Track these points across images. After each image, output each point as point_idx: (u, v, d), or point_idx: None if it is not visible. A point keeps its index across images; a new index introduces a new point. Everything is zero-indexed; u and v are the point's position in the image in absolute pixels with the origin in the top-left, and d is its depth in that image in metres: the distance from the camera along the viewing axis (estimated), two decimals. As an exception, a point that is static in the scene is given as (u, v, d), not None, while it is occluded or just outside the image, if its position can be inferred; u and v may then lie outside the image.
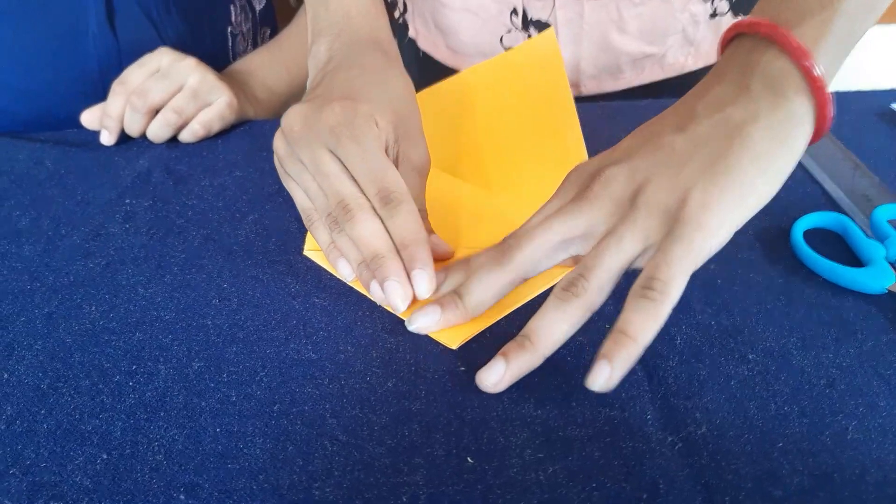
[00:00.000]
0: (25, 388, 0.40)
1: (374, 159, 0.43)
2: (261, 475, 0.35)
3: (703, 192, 0.36)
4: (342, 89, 0.47)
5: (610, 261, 0.37)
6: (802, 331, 0.42)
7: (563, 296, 0.37)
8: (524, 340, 0.38)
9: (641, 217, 0.37)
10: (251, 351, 0.42)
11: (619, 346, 0.35)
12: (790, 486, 0.34)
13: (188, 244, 0.50)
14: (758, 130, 0.37)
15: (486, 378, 0.38)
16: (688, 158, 0.38)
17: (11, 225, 0.52)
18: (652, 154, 0.39)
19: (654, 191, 0.37)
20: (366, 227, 0.42)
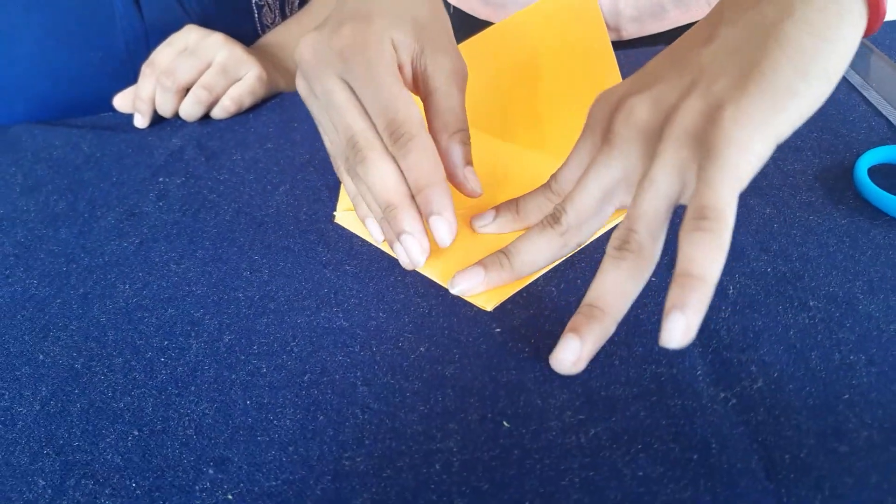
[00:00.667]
0: (60, 368, 0.39)
1: (385, 85, 0.38)
2: (290, 447, 0.34)
3: (735, 107, 0.32)
4: (356, 8, 0.42)
5: (652, 207, 0.33)
6: (869, 274, 0.39)
7: (618, 255, 0.34)
8: (592, 310, 0.34)
9: (672, 151, 0.33)
10: (282, 322, 0.40)
11: (689, 291, 0.29)
12: (858, 440, 0.31)
13: (220, 218, 0.49)
14: (794, 25, 0.33)
15: (563, 359, 0.34)
16: (718, 72, 0.33)
17: (49, 210, 0.52)
18: (678, 75, 0.35)
19: (682, 118, 0.33)
20: (377, 172, 0.39)
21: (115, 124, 0.62)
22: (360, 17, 0.41)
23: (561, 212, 0.38)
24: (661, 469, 0.31)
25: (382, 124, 0.39)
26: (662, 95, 0.35)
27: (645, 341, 0.37)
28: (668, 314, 0.29)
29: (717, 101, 0.32)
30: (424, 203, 0.39)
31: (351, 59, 0.39)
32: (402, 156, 0.38)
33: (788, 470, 0.30)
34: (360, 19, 0.40)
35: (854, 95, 0.52)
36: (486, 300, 0.40)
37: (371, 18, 0.40)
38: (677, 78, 0.35)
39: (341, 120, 0.40)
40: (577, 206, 0.37)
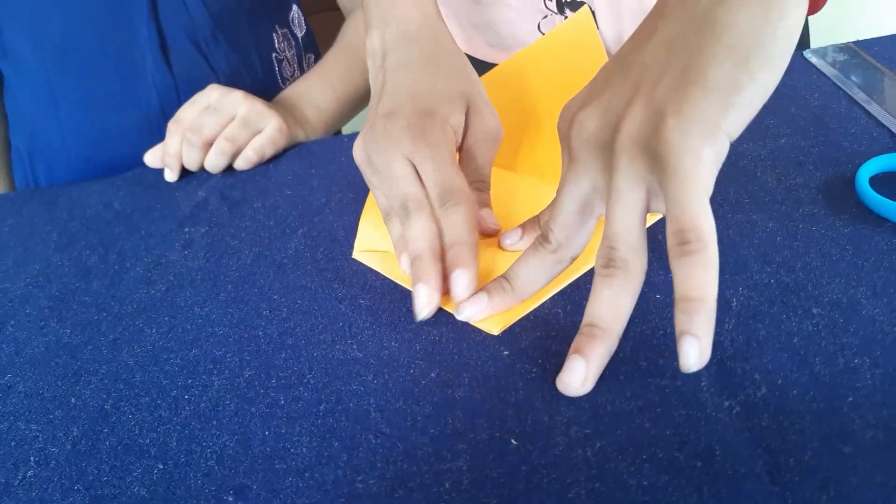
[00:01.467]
0: (90, 410, 0.41)
1: (444, 165, 0.44)
2: (306, 472, 0.35)
3: (678, 115, 0.31)
4: (410, 95, 0.47)
5: (625, 222, 0.34)
6: (872, 279, 0.39)
7: (606, 272, 0.34)
8: (592, 329, 0.35)
9: (626, 163, 0.33)
10: (299, 355, 0.42)
11: (693, 314, 0.30)
12: (862, 441, 0.31)
13: (241, 262, 0.51)
14: (729, 11, 0.31)
15: (569, 380, 0.35)
16: (659, 73, 0.33)
17: (82, 264, 0.55)
18: (623, 78, 0.35)
19: (628, 129, 0.33)
20: (417, 226, 0.43)
21: (146, 180, 0.65)
22: (421, 108, 0.46)
23: (548, 230, 0.38)
24: (666, 477, 0.31)
25: (436, 192, 0.43)
26: (609, 104, 0.35)
27: (649, 356, 0.37)
28: (680, 340, 0.30)
29: (659, 106, 0.32)
30: (454, 257, 0.41)
31: (419, 145, 0.44)
32: (445, 215, 0.43)
33: (793, 472, 0.30)
34: (422, 112, 0.46)
35: (856, 109, 0.53)
36: (493, 324, 0.41)
37: (432, 109, 0.46)
38: (622, 82, 0.35)
39: (397, 187, 0.44)
40: (560, 222, 0.38)
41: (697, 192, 0.31)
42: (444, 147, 0.45)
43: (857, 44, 0.60)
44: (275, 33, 0.81)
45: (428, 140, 0.44)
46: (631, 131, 0.33)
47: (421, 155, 0.44)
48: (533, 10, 0.71)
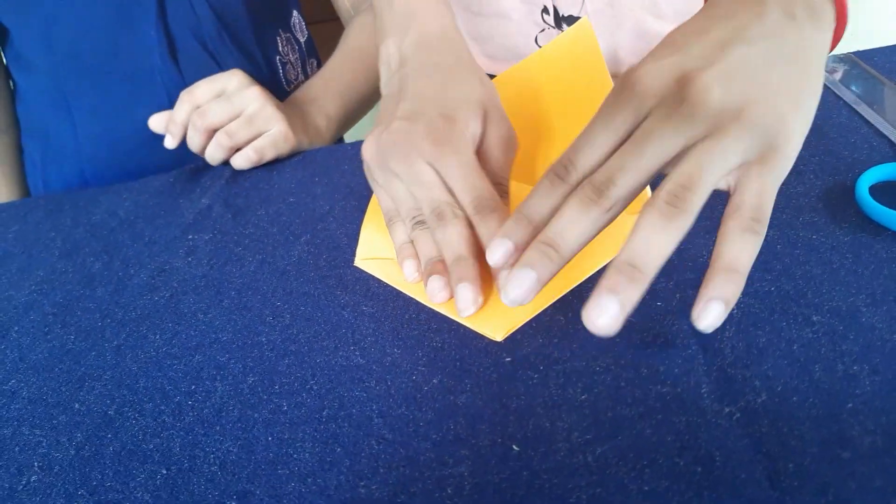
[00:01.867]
0: (94, 415, 0.42)
1: (474, 174, 0.44)
2: (309, 478, 0.35)
3: (794, 121, 0.35)
4: (431, 100, 0.48)
5: (713, 173, 0.34)
6: (872, 287, 0.39)
7: (668, 212, 0.33)
8: (634, 272, 0.32)
9: (747, 132, 0.34)
10: (302, 362, 0.42)
11: (730, 284, 0.32)
12: (861, 446, 0.31)
13: (245, 269, 0.51)
14: (811, 60, 0.37)
15: (600, 321, 0.32)
16: (765, 76, 0.35)
17: (86, 270, 0.55)
18: (736, 64, 0.35)
19: (758, 110, 0.34)
20: (455, 231, 0.43)
21: (150, 188, 0.65)
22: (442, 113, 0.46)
23: (608, 184, 0.35)
24: (666, 483, 0.31)
25: (469, 199, 0.43)
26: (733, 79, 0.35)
27: (650, 363, 0.37)
28: (709, 302, 0.32)
29: (780, 108, 0.35)
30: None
31: (444, 152, 0.44)
32: (482, 221, 0.42)
33: (793, 478, 0.31)
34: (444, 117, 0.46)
35: (856, 118, 0.53)
36: (496, 330, 0.41)
37: (453, 115, 0.46)
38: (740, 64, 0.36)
39: (428, 193, 0.44)
40: (631, 175, 0.35)
41: (777, 185, 0.35)
42: (469, 154, 0.45)
43: (857, 54, 0.61)
44: (278, 37, 0.82)
45: (453, 147, 0.45)
46: (759, 115, 0.34)
47: (446, 162, 0.44)
48: (531, 23, 0.71)
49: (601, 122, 0.37)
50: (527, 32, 0.72)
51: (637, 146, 0.35)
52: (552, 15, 0.70)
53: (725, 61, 0.35)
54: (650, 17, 0.68)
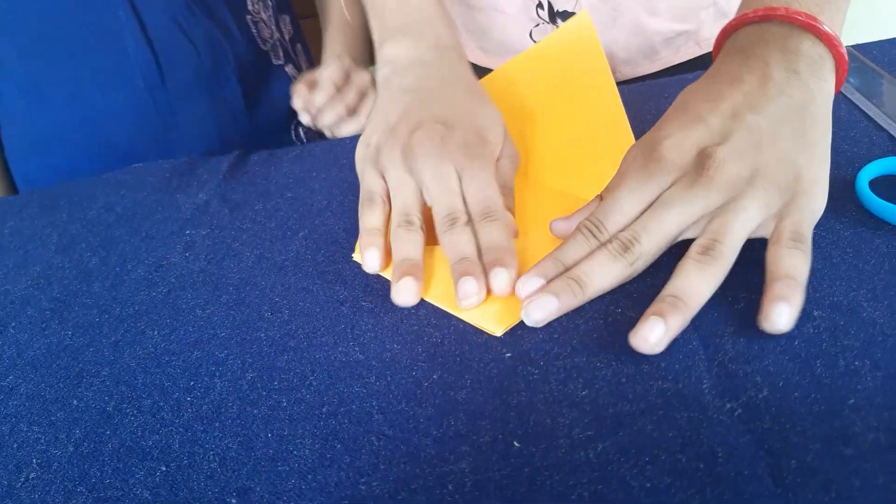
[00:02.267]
0: (92, 412, 0.41)
1: (491, 190, 0.47)
2: (309, 475, 0.35)
3: (809, 168, 0.40)
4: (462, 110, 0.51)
5: (738, 228, 0.39)
6: (873, 282, 0.39)
7: (702, 259, 0.39)
8: (676, 301, 0.38)
9: (762, 192, 0.39)
10: (301, 358, 0.42)
11: (794, 288, 0.37)
12: (864, 443, 0.31)
13: (243, 264, 0.51)
14: (819, 109, 0.42)
15: (648, 336, 0.37)
16: (775, 137, 0.40)
17: (83, 266, 0.55)
18: (747, 135, 0.40)
19: (769, 172, 0.40)
20: (463, 237, 0.45)
21: (147, 183, 0.65)
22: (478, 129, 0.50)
23: (633, 242, 0.40)
24: (668, 479, 0.31)
25: (479, 209, 0.46)
26: (744, 151, 0.40)
27: (652, 359, 0.37)
28: (776, 304, 0.36)
29: (792, 161, 0.40)
30: (496, 258, 0.43)
31: (474, 165, 0.48)
32: (485, 227, 0.46)
33: (795, 475, 0.31)
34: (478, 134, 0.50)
35: (855, 112, 0.53)
36: (496, 325, 0.41)
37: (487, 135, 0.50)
38: (747, 137, 0.41)
39: (448, 198, 0.47)
40: (654, 237, 0.40)
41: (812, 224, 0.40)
42: (492, 171, 0.48)
43: (856, 47, 0.60)
44: None
45: (481, 163, 0.48)
46: (771, 174, 0.40)
47: (474, 175, 0.47)
48: (526, 17, 0.71)
49: (628, 189, 0.42)
50: (521, 27, 0.72)
51: (660, 213, 0.40)
52: (547, 10, 0.70)
53: (738, 135, 0.40)
54: (645, 13, 0.68)
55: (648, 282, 0.42)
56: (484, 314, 0.42)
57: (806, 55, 0.42)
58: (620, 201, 0.42)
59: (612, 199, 0.42)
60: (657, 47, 0.72)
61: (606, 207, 0.42)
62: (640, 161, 0.42)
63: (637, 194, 0.41)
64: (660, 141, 0.42)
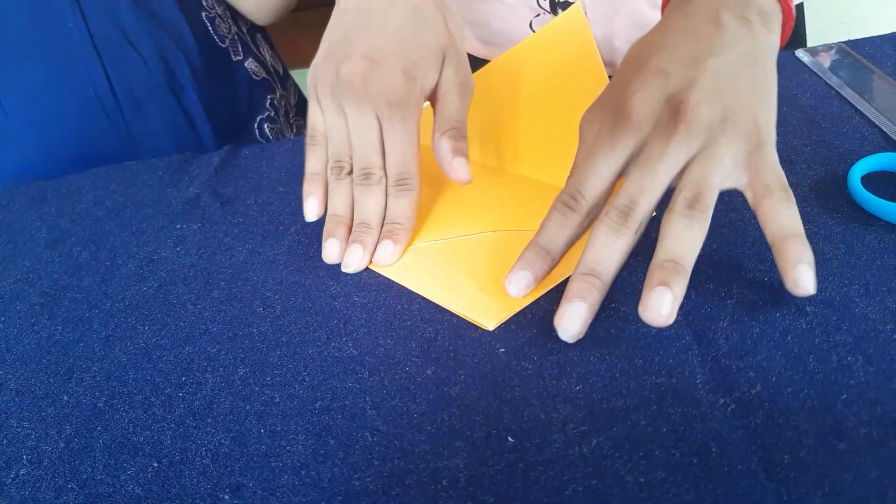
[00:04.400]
0: (83, 407, 0.41)
1: (410, 146, 0.47)
2: (303, 470, 0.35)
3: (765, 117, 0.39)
4: (396, 41, 0.48)
5: (717, 177, 0.38)
6: (865, 277, 0.39)
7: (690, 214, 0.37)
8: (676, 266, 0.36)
9: (734, 139, 0.38)
10: (294, 353, 0.42)
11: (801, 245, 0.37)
12: (857, 437, 0.31)
13: (234, 259, 0.51)
14: (768, 59, 0.41)
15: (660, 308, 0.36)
16: (736, 83, 0.39)
17: (73, 260, 0.54)
18: (711, 78, 0.39)
19: (735, 118, 0.38)
20: (373, 199, 0.48)
21: (137, 177, 0.64)
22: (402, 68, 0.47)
23: (632, 207, 0.38)
24: (662, 474, 0.31)
25: (394, 171, 0.48)
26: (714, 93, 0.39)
27: (645, 353, 0.37)
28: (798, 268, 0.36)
29: (754, 109, 0.39)
30: (391, 231, 0.48)
31: (394, 114, 0.47)
32: (396, 196, 0.48)
33: (788, 469, 0.31)
34: (405, 72, 0.47)
35: (847, 108, 0.53)
36: (488, 319, 0.41)
37: (415, 72, 0.47)
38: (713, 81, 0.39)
39: (364, 151, 0.48)
40: (650, 196, 0.39)
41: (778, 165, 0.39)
42: (412, 121, 0.47)
43: (849, 43, 0.61)
44: None
45: (404, 113, 0.47)
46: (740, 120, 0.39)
47: (393, 125, 0.47)
48: (525, 7, 0.71)
49: (602, 153, 0.40)
50: (522, 17, 0.72)
51: (651, 168, 0.38)
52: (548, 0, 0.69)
53: (703, 78, 0.39)
54: (646, 5, 0.68)
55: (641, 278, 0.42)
56: (476, 308, 0.42)
57: (756, 4, 0.42)
58: (596, 166, 0.40)
59: (586, 166, 0.41)
60: None
61: (581, 175, 0.41)
62: (608, 122, 0.41)
63: (612, 156, 0.40)
64: (626, 98, 0.40)
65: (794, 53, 0.61)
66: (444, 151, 0.49)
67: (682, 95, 0.39)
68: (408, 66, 0.47)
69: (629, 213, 0.38)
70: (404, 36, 0.48)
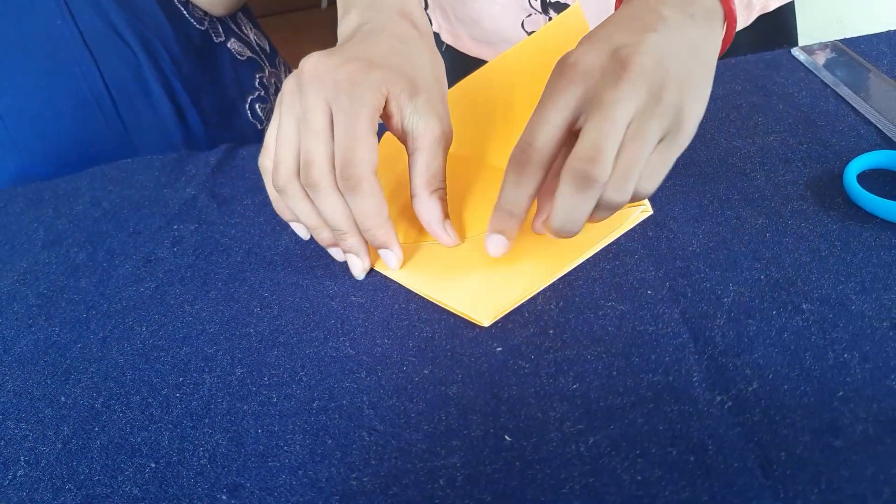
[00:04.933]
0: (80, 408, 0.41)
1: (356, 128, 0.41)
2: (300, 470, 0.35)
3: (692, 107, 0.38)
4: (365, 51, 0.45)
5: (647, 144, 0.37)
6: (861, 274, 0.39)
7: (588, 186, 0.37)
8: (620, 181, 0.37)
9: (667, 113, 0.37)
10: (291, 353, 0.42)
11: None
12: (853, 434, 0.31)
13: (231, 260, 0.51)
14: (708, 55, 0.41)
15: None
16: (672, 62, 0.38)
17: (70, 261, 0.54)
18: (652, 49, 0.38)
19: (672, 91, 0.37)
20: (328, 203, 0.42)
21: (134, 178, 0.64)
22: (367, 60, 0.43)
23: (594, 166, 0.36)
24: (659, 472, 0.31)
25: (339, 161, 0.42)
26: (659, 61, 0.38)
27: (642, 352, 0.37)
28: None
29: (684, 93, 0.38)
30: (372, 238, 0.44)
31: (341, 93, 0.42)
32: (349, 196, 0.42)
33: (785, 466, 0.31)
34: (365, 62, 0.43)
35: (843, 106, 0.53)
36: (484, 315, 0.41)
37: (374, 66, 0.43)
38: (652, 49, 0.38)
39: (308, 141, 0.42)
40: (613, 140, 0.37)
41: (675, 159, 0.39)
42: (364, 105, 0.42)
43: (845, 42, 0.61)
44: None
45: (352, 93, 0.42)
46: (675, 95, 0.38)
47: (338, 105, 0.42)
48: (518, 7, 0.71)
49: (551, 102, 0.39)
50: (513, 17, 0.72)
51: (608, 114, 0.36)
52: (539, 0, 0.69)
53: (646, 43, 0.38)
54: None
55: (640, 276, 0.42)
56: (472, 304, 0.42)
57: (700, 3, 0.42)
58: (544, 117, 0.39)
59: (534, 117, 0.39)
60: None
61: (531, 127, 0.39)
62: (554, 76, 0.40)
63: (561, 102, 0.38)
64: (570, 54, 0.39)
65: (790, 52, 0.61)
66: (438, 215, 0.45)
67: (628, 50, 0.38)
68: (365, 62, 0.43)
69: (594, 163, 0.36)
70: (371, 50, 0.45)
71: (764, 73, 0.58)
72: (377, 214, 0.43)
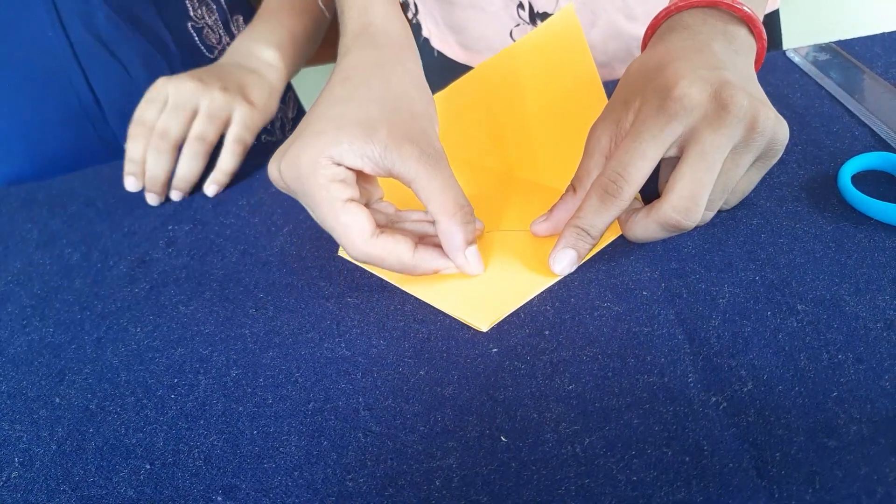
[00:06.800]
0: (75, 409, 0.41)
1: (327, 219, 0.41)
2: (296, 472, 0.35)
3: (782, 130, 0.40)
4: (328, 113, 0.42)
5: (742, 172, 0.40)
6: (856, 276, 0.39)
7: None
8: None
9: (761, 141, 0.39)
10: (286, 354, 0.42)
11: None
12: (847, 435, 0.32)
13: (226, 260, 0.51)
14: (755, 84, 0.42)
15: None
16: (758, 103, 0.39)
17: (64, 261, 0.54)
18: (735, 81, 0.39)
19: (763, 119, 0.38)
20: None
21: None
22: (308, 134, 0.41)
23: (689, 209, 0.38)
24: (654, 473, 0.32)
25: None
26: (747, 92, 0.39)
27: (637, 353, 0.37)
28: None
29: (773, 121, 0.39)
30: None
31: (300, 194, 0.41)
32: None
33: (779, 467, 0.31)
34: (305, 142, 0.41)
35: (837, 108, 0.53)
36: (481, 321, 0.41)
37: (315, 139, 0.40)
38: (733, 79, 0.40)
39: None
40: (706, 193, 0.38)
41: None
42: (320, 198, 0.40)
43: (839, 43, 0.61)
44: (188, 1, 0.79)
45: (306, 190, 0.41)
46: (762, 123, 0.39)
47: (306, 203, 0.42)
48: (506, 16, 0.71)
49: (651, 136, 0.39)
50: (502, 25, 0.72)
51: (708, 163, 0.38)
52: (528, 10, 0.70)
53: (731, 80, 0.39)
54: (622, 17, 0.68)
55: (635, 277, 0.42)
56: (470, 309, 0.42)
57: (742, 42, 0.44)
58: (642, 148, 0.39)
59: (629, 148, 0.39)
60: (634, 52, 0.72)
61: (628, 158, 0.39)
62: (653, 107, 0.39)
63: (661, 138, 0.39)
64: (671, 86, 0.39)
65: (784, 53, 0.61)
66: (458, 242, 0.42)
67: (727, 91, 0.38)
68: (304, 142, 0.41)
69: (688, 214, 0.38)
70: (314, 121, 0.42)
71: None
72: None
